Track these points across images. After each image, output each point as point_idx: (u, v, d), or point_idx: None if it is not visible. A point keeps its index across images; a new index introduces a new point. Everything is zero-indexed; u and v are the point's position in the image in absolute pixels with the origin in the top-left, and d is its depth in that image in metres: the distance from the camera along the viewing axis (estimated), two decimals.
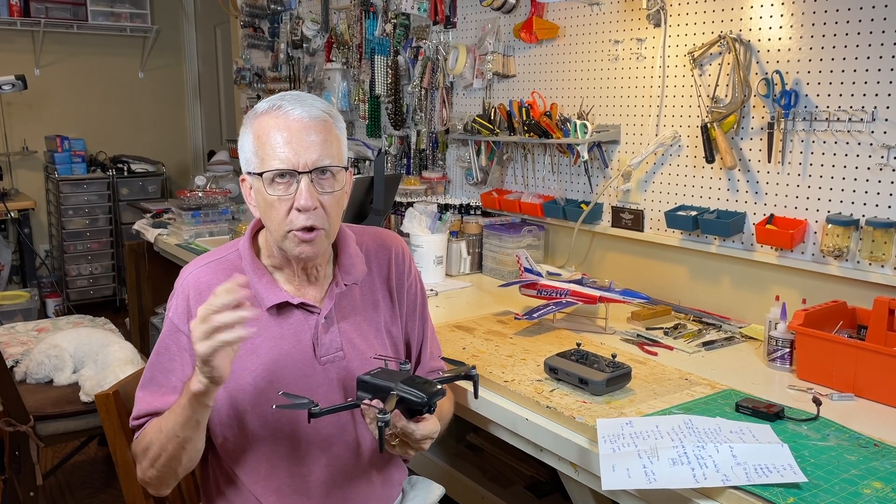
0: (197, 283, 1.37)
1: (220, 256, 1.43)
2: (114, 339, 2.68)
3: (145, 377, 1.38)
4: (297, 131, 1.28)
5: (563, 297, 2.04)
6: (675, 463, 1.22)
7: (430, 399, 1.21)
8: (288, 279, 1.41)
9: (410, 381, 1.23)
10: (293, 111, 1.29)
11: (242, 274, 1.37)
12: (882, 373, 1.52)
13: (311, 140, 1.28)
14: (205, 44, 5.96)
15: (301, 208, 1.28)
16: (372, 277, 1.49)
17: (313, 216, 1.29)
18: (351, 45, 3.60)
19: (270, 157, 1.28)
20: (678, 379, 1.64)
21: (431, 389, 1.22)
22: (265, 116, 1.30)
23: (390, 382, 1.23)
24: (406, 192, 3.03)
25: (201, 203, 3.53)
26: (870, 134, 1.77)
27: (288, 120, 1.28)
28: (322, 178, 1.30)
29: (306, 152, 1.28)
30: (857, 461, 1.26)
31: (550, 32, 2.56)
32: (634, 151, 2.33)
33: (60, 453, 3.11)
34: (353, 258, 1.46)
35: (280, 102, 1.30)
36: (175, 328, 1.37)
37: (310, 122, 1.29)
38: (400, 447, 1.30)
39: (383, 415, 1.16)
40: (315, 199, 1.29)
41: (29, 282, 5.11)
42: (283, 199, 1.29)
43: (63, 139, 5.18)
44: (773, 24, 1.94)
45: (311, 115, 1.29)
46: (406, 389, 1.21)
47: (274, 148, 1.28)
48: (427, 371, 1.55)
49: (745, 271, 2.08)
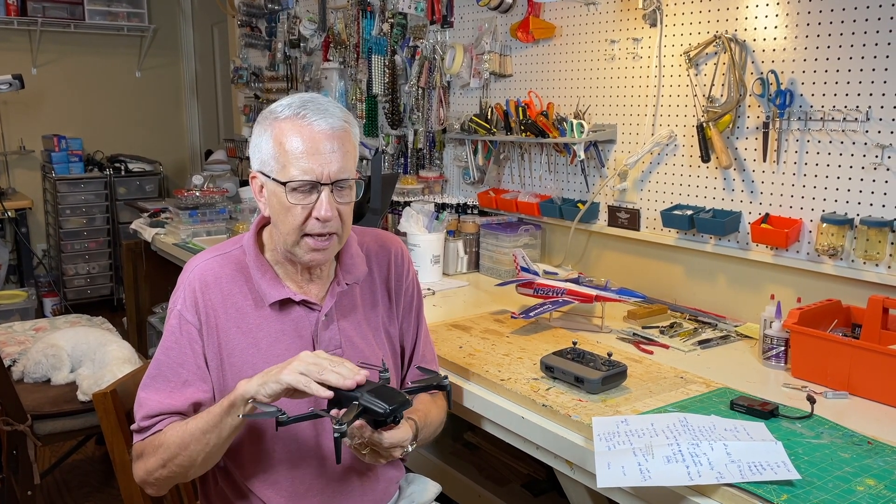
0: (203, 276, 1.39)
1: (225, 251, 1.44)
2: (111, 339, 2.68)
3: (151, 375, 1.36)
4: (320, 143, 1.30)
5: (559, 295, 2.05)
6: (670, 461, 1.22)
7: (393, 410, 1.20)
8: (290, 276, 1.42)
9: (376, 391, 1.21)
10: (317, 122, 1.30)
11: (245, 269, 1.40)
12: (876, 371, 1.52)
13: (333, 153, 1.31)
14: (202, 43, 5.95)
15: (322, 219, 1.31)
16: (372, 277, 1.51)
17: (329, 225, 1.32)
18: (348, 44, 3.60)
19: (293, 166, 1.30)
20: (674, 377, 1.64)
21: (397, 400, 1.21)
22: (287, 123, 1.31)
23: (356, 392, 1.21)
24: (403, 191, 3.03)
25: (198, 202, 3.54)
26: (864, 133, 1.78)
27: (312, 131, 1.30)
28: (340, 189, 1.34)
29: (329, 165, 1.30)
30: (850, 458, 1.27)
31: (547, 32, 2.56)
32: (631, 151, 2.34)
33: (58, 452, 3.11)
34: (354, 258, 1.47)
35: (303, 111, 1.31)
36: (184, 320, 1.37)
37: (332, 134, 1.31)
38: (370, 455, 1.30)
39: (339, 426, 1.15)
40: (334, 210, 1.32)
41: (26, 281, 5.11)
42: (303, 206, 1.31)
43: (60, 138, 5.17)
44: (769, 24, 1.95)
45: (332, 127, 1.31)
46: (370, 400, 1.19)
47: (298, 158, 1.30)
48: (417, 376, 1.55)
49: (741, 270, 2.09)
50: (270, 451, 1.39)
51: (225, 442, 1.28)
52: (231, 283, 1.39)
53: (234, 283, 1.40)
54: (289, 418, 1.19)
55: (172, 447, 1.28)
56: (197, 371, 1.36)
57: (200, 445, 1.26)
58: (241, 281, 1.40)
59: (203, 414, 1.28)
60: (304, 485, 1.41)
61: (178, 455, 1.28)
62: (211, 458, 1.30)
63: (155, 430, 1.33)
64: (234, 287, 1.39)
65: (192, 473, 1.33)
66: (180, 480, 1.36)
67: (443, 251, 2.61)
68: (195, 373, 1.35)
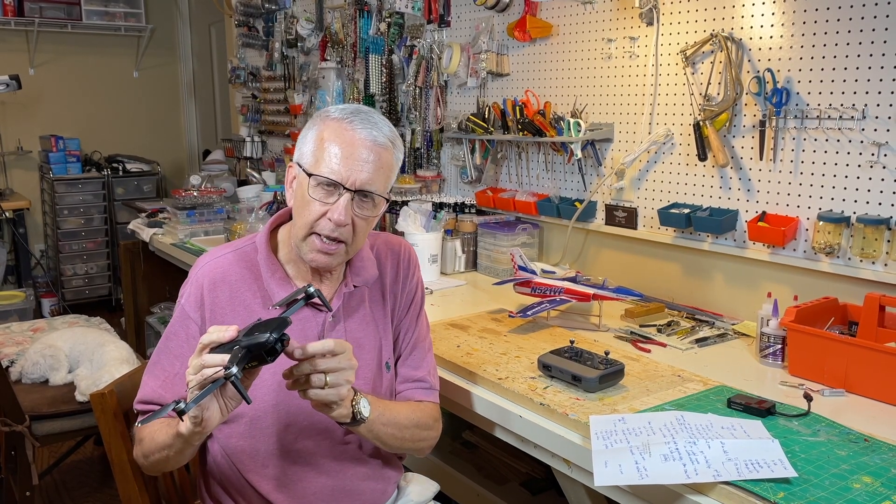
0: (212, 274, 1.40)
1: (238, 248, 1.45)
2: (109, 339, 2.68)
3: (153, 360, 1.41)
4: (357, 149, 1.32)
5: (557, 294, 2.05)
6: (667, 459, 1.23)
7: (273, 333, 1.12)
8: (301, 275, 1.43)
9: (250, 330, 1.15)
10: (361, 131, 1.33)
11: (256, 267, 1.40)
12: (873, 369, 1.53)
13: (366, 163, 1.33)
14: (199, 43, 5.95)
15: (334, 221, 1.32)
16: (382, 280, 1.52)
17: (339, 230, 1.33)
18: (345, 43, 3.60)
19: (325, 163, 1.32)
20: (671, 376, 1.65)
21: (272, 325, 1.13)
22: (336, 123, 1.34)
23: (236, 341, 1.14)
24: (401, 190, 3.03)
25: (196, 202, 3.53)
26: (860, 131, 1.78)
27: (354, 136, 1.33)
28: (363, 201, 1.35)
29: (358, 173, 1.32)
30: (847, 456, 1.27)
31: (544, 31, 2.56)
32: (628, 149, 2.34)
33: (56, 453, 3.11)
34: (364, 261, 1.49)
35: (353, 118, 1.34)
36: (185, 315, 1.39)
37: (371, 145, 1.33)
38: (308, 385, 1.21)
39: (227, 371, 1.08)
40: (349, 217, 1.33)
41: (24, 282, 5.11)
42: (322, 203, 1.33)
43: (58, 139, 5.17)
44: (765, 23, 1.95)
45: (373, 139, 1.34)
46: (249, 338, 1.12)
47: (331, 157, 1.32)
48: (404, 380, 1.53)
49: (738, 268, 2.09)
50: (272, 448, 1.40)
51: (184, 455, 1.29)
52: (240, 282, 1.41)
53: (243, 282, 1.41)
54: (186, 405, 1.12)
55: (149, 445, 1.32)
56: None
57: (162, 455, 1.29)
58: (250, 279, 1.41)
59: (163, 430, 1.28)
60: (302, 484, 1.41)
61: (152, 453, 1.31)
62: (179, 462, 1.33)
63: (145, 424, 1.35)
64: (242, 285, 1.41)
65: (172, 467, 1.37)
66: (166, 471, 1.40)
67: (440, 250, 2.61)
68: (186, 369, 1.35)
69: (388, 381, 1.50)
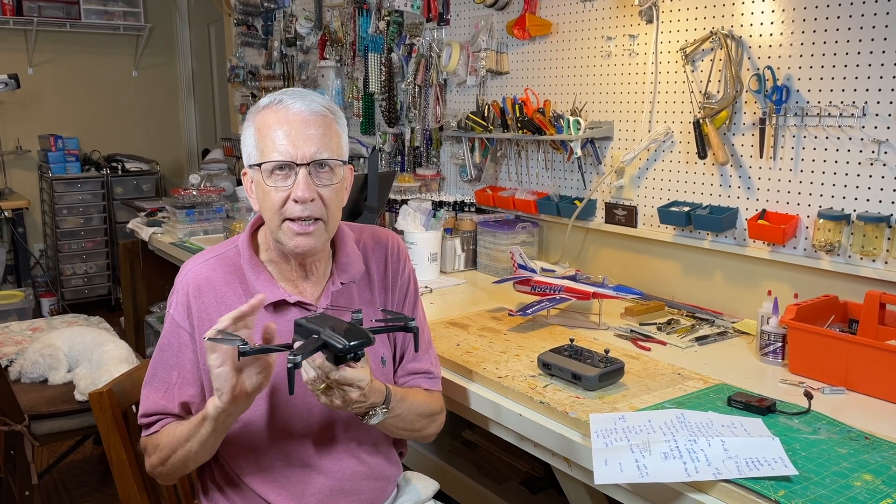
0: (197, 280, 1.39)
1: (220, 253, 1.44)
2: (108, 338, 2.67)
3: (150, 374, 1.41)
4: (297, 125, 1.30)
5: (556, 293, 2.05)
6: (667, 457, 1.22)
7: (353, 346, 1.15)
8: (286, 276, 1.41)
9: (339, 328, 1.17)
10: (294, 105, 1.31)
11: (240, 270, 1.40)
12: (873, 366, 1.52)
13: (311, 133, 1.30)
14: (198, 42, 5.95)
15: (298, 199, 1.29)
16: (370, 275, 1.50)
17: (310, 207, 1.31)
18: (344, 42, 3.59)
19: (270, 149, 1.30)
20: (671, 374, 1.64)
21: (357, 337, 1.17)
22: (266, 111, 1.33)
23: (319, 327, 1.17)
24: (400, 189, 3.03)
25: (195, 201, 3.53)
26: (860, 129, 1.78)
27: (288, 114, 1.31)
28: (320, 171, 1.32)
29: (305, 145, 1.30)
30: (847, 454, 1.27)
31: (543, 29, 2.56)
32: (627, 148, 2.34)
33: (55, 452, 3.11)
34: (350, 257, 1.47)
35: (281, 97, 1.33)
36: (176, 324, 1.39)
37: (310, 116, 1.31)
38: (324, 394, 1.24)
39: (294, 356, 1.12)
40: (312, 191, 1.30)
41: (23, 281, 5.11)
42: (281, 189, 1.31)
43: (57, 138, 5.17)
44: (765, 20, 1.95)
45: (311, 110, 1.32)
46: (330, 335, 1.16)
47: (274, 141, 1.30)
48: (407, 372, 1.53)
49: (738, 266, 2.09)
50: (270, 449, 1.39)
51: (207, 447, 1.30)
52: (225, 286, 1.39)
53: (228, 286, 1.39)
54: (251, 348, 1.16)
55: (166, 449, 1.34)
56: (186, 375, 1.38)
57: (185, 451, 1.31)
58: (235, 283, 1.40)
59: (185, 423, 1.32)
60: (301, 483, 1.41)
61: (171, 456, 1.33)
62: (201, 456, 1.34)
63: (153, 430, 1.39)
64: (228, 289, 1.39)
65: (191, 467, 1.38)
66: (184, 472, 1.40)
67: (440, 249, 2.61)
68: (185, 376, 1.38)
69: (385, 377, 1.49)
